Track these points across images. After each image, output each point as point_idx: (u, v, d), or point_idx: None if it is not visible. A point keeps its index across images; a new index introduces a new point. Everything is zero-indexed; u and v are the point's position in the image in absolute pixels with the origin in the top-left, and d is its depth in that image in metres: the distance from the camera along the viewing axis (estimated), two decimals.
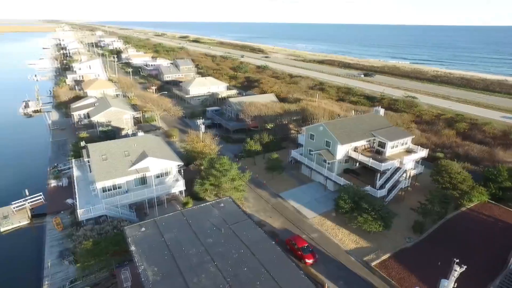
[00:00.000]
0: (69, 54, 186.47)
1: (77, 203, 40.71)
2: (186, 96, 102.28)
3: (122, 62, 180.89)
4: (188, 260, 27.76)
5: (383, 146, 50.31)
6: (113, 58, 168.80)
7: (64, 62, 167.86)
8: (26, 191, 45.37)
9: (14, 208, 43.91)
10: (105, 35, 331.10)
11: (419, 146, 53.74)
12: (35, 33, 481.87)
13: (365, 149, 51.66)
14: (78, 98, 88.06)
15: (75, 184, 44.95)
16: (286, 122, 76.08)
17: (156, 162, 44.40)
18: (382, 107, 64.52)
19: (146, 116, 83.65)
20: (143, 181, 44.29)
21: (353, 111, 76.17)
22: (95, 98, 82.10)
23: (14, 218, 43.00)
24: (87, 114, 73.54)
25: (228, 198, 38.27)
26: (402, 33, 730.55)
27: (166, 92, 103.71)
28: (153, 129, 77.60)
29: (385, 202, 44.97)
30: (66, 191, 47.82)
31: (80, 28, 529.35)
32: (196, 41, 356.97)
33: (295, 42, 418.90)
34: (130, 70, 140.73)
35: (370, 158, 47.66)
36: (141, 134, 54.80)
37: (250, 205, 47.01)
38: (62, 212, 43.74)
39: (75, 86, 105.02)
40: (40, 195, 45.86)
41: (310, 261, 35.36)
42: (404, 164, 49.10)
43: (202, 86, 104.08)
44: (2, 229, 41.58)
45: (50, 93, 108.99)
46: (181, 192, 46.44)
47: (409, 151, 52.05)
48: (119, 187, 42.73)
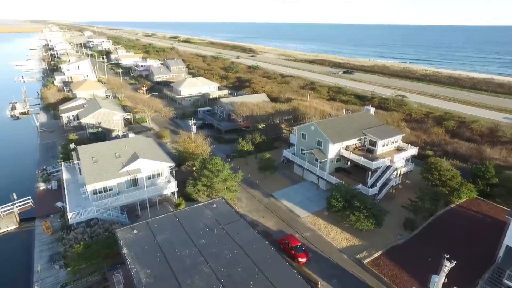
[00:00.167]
0: (57, 55, 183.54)
1: (67, 206, 40.07)
2: (177, 96, 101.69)
3: (112, 62, 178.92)
4: (181, 261, 27.64)
5: (374, 144, 50.84)
6: (102, 58, 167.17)
7: (52, 63, 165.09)
8: (14, 195, 44.49)
9: (1, 212, 42.96)
10: (94, 36, 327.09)
11: (409, 144, 54.43)
12: (21, 33, 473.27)
13: (356, 147, 52.14)
14: (66, 99, 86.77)
15: (65, 187, 44.30)
16: (278, 121, 76.34)
17: (147, 163, 44.04)
18: (373, 106, 65.13)
19: (137, 117, 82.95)
20: (135, 183, 43.88)
21: (344, 110, 76.75)
22: (85, 99, 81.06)
23: (2, 222, 42.10)
24: (77, 115, 72.50)
25: (220, 198, 38.25)
26: (393, 32, 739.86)
27: (157, 92, 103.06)
28: (144, 130, 76.96)
29: (376, 200, 45.49)
30: (55, 194, 47.02)
31: (68, 28, 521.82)
32: (186, 41, 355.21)
33: (287, 42, 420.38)
34: (120, 71, 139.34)
35: (361, 157, 48.10)
36: (132, 135, 54.43)
37: (243, 205, 46.99)
38: (51, 215, 43.02)
39: (64, 88, 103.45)
40: (28, 199, 44.97)
41: (303, 260, 35.52)
42: (394, 162, 49.70)
43: (193, 87, 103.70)
44: None
45: (38, 94, 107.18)
46: (173, 193, 46.15)
47: (399, 149, 52.68)
48: (110, 189, 42.25)
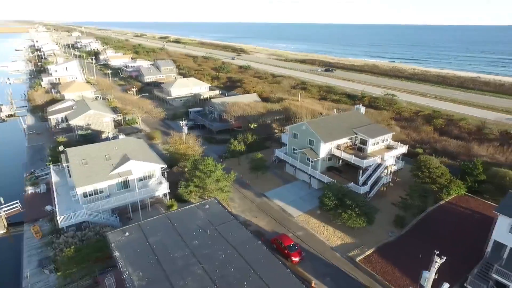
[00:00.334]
0: (44, 55, 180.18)
1: (56, 210, 39.42)
2: (167, 97, 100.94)
3: (101, 63, 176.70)
4: (174, 263, 27.46)
5: (365, 143, 51.35)
6: (91, 59, 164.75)
7: (39, 64, 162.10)
8: (1, 199, 43.50)
9: None
10: (82, 36, 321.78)
11: (399, 143, 55.16)
12: (6, 34, 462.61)
13: (347, 146, 52.59)
14: (54, 101, 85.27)
15: (54, 190, 43.50)
16: (270, 121, 76.44)
17: (138, 165, 43.62)
18: (363, 105, 65.77)
19: (127, 118, 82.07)
20: (126, 184, 43.41)
21: (335, 110, 77.29)
22: (73, 101, 79.81)
23: None
24: (65, 117, 71.33)
25: (213, 199, 38.12)
26: (383, 32, 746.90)
27: (147, 93, 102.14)
28: (134, 131, 76.18)
29: (367, 198, 46.01)
30: (44, 198, 46.18)
31: (55, 29, 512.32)
32: (177, 41, 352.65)
33: (278, 42, 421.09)
34: (109, 71, 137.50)
35: (353, 156, 48.53)
36: (122, 137, 53.96)
37: (236, 205, 46.94)
38: (40, 219, 42.19)
39: (51, 89, 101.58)
40: (16, 203, 44.00)
41: (297, 259, 35.67)
42: (385, 160, 50.32)
43: (184, 87, 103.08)
44: None
45: (25, 96, 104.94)
46: (165, 194, 45.82)
47: (389, 148, 53.33)
48: (101, 192, 41.70)
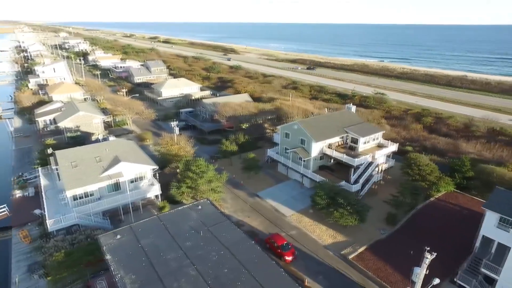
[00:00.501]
0: (30, 56, 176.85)
1: (45, 214, 38.69)
2: (158, 98, 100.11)
3: (89, 64, 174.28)
4: (167, 265, 27.27)
5: (356, 142, 51.82)
6: (79, 60, 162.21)
7: (25, 65, 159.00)
8: None
9: None
10: (69, 37, 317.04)
11: (390, 141, 55.74)
12: None
13: (338, 145, 52.98)
14: (42, 103, 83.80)
15: (43, 193, 42.73)
16: (261, 121, 76.49)
17: (129, 166, 43.16)
18: (354, 104, 66.29)
19: (117, 120, 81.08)
20: (117, 187, 42.91)
21: (326, 109, 77.82)
22: (62, 102, 78.55)
23: None
24: (54, 119, 70.12)
25: (205, 200, 38.00)
26: (373, 32, 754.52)
27: (137, 94, 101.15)
28: (125, 133, 75.32)
29: (359, 196, 46.40)
30: (33, 202, 45.26)
31: (42, 29, 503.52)
32: (166, 41, 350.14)
33: (269, 41, 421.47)
34: (98, 72, 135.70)
35: (344, 154, 48.90)
36: (112, 138, 53.22)
37: (228, 205, 46.83)
38: (29, 224, 41.37)
39: (39, 91, 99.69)
40: (3, 207, 43.07)
41: (290, 258, 35.76)
42: (376, 158, 50.83)
43: (174, 88, 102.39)
44: None
45: (11, 98, 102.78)
46: (157, 196, 45.43)
47: (380, 146, 53.93)
48: (91, 195, 41.15)
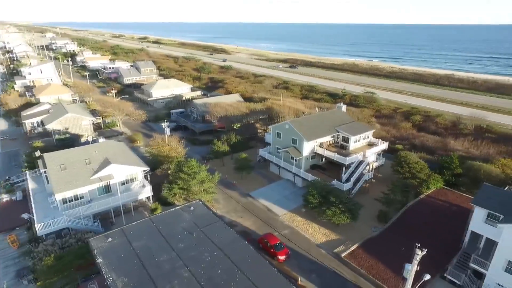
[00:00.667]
0: (16, 57, 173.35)
1: (34, 218, 37.99)
2: (148, 99, 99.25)
3: (78, 65, 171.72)
4: (159, 267, 27.05)
5: (347, 141, 52.27)
6: (67, 61, 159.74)
7: (11, 66, 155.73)
8: None
9: None
10: (57, 37, 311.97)
11: (380, 139, 56.43)
12: None
13: (330, 144, 53.38)
14: (29, 105, 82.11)
15: (31, 197, 41.95)
16: (253, 121, 76.50)
17: (120, 168, 42.66)
18: (344, 103, 66.81)
19: (107, 121, 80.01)
20: (107, 189, 42.38)
21: (317, 108, 78.29)
22: (49, 104, 77.18)
23: None
24: (41, 121, 68.87)
25: (198, 201, 37.79)
26: (363, 31, 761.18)
27: (127, 95, 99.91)
28: (115, 134, 74.42)
29: (351, 194, 46.80)
30: (21, 206, 44.33)
31: (28, 29, 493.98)
32: (156, 42, 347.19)
33: (259, 41, 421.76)
34: (86, 73, 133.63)
35: (335, 153, 49.29)
36: (102, 140, 52.53)
37: (221, 206, 46.71)
38: (17, 228, 40.52)
39: (26, 92, 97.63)
40: None
41: (283, 257, 35.85)
42: (367, 157, 51.37)
43: (165, 88, 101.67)
44: None
45: None
46: (148, 198, 45.02)
47: (371, 145, 54.52)
48: (81, 197, 40.53)
